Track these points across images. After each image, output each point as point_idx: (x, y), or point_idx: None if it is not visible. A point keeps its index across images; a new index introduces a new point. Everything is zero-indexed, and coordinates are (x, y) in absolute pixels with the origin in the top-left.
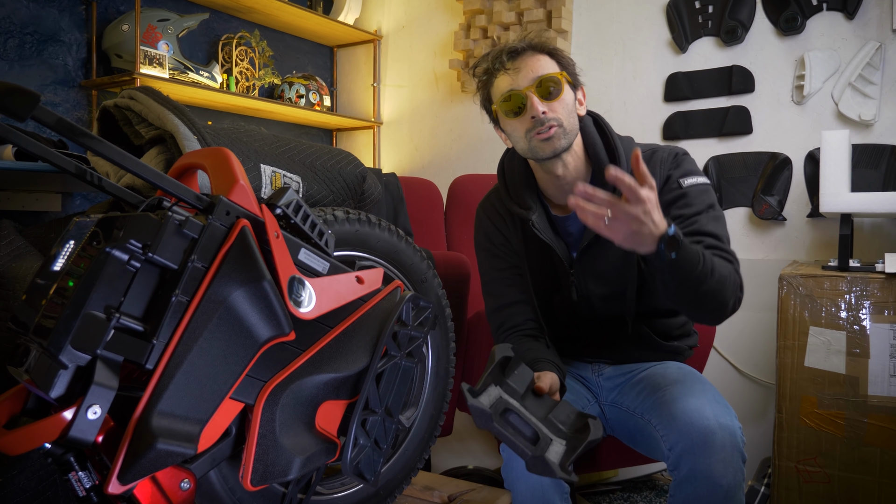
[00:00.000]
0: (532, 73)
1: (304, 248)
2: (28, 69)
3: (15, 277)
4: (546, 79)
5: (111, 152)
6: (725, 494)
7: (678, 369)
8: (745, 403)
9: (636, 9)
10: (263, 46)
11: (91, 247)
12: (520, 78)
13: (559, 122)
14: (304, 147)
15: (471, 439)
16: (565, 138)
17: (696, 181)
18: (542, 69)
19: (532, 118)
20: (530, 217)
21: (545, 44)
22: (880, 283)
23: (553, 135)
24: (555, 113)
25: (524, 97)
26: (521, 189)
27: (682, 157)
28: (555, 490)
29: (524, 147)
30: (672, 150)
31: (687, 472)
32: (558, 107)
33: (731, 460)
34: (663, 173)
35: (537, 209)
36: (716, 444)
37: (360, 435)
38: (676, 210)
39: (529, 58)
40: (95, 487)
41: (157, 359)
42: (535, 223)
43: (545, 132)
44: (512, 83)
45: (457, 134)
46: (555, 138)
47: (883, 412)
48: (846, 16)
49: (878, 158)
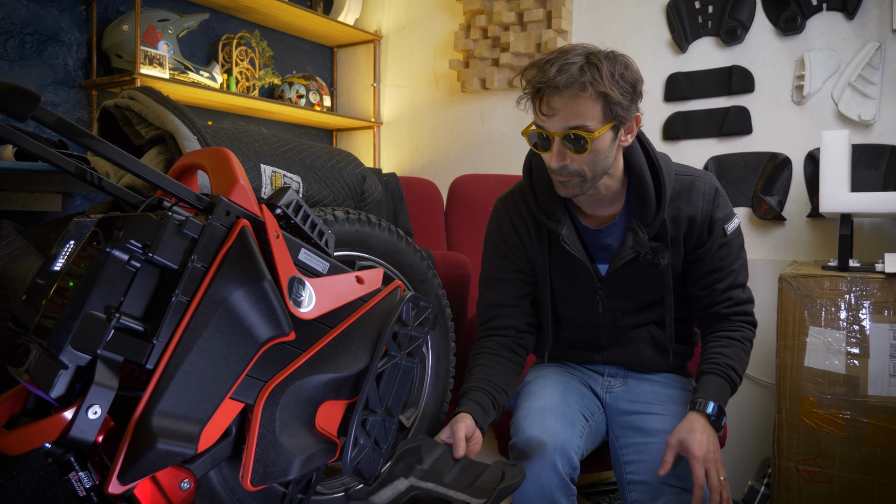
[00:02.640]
0: (565, 121)
1: (304, 248)
2: (28, 69)
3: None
4: (576, 132)
5: (111, 152)
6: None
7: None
8: (745, 403)
9: (636, 9)
10: (263, 46)
11: (91, 247)
12: (552, 120)
13: (581, 173)
14: (305, 147)
15: None
16: (584, 186)
17: (734, 226)
18: (577, 117)
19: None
20: (560, 231)
21: (596, 80)
22: (880, 283)
23: (568, 182)
24: (577, 165)
25: (551, 139)
26: (550, 199)
27: (721, 194)
28: (562, 492)
29: (548, 174)
30: (710, 183)
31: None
32: (583, 159)
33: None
34: (705, 210)
35: (566, 221)
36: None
37: (360, 435)
38: (718, 260)
39: (570, 99)
40: (95, 487)
41: (157, 359)
42: (566, 238)
43: (562, 178)
44: (543, 119)
45: (457, 134)
46: (570, 186)
47: (883, 412)
48: (846, 16)
49: (878, 158)
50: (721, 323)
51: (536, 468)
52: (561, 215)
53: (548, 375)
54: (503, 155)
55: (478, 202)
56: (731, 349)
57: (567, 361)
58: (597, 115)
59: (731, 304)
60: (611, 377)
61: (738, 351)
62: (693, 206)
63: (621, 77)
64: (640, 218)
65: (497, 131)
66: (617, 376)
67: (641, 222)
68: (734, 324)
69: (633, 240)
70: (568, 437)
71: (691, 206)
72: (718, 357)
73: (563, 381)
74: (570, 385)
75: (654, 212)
